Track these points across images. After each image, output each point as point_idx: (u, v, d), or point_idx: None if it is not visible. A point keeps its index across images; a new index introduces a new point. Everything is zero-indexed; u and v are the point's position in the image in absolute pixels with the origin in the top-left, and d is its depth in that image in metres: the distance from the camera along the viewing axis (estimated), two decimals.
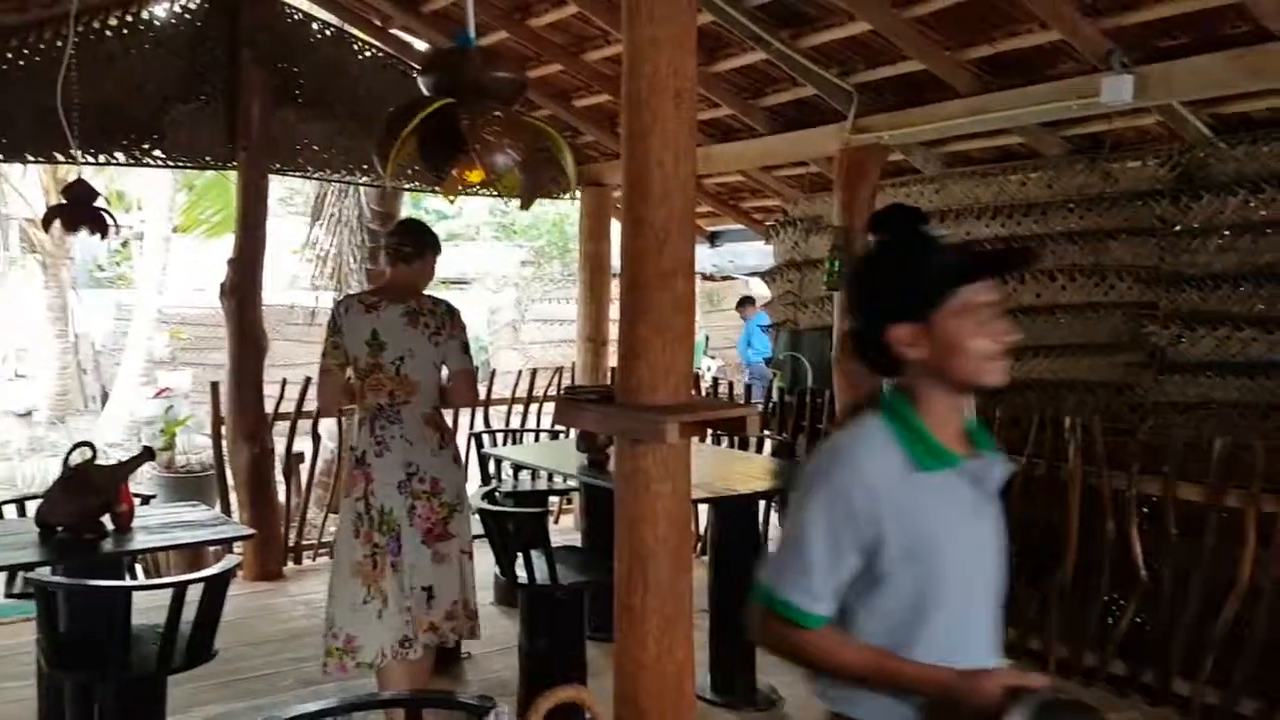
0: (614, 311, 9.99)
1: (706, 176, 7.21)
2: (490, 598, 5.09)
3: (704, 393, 6.77)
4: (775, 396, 6.10)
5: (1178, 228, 4.29)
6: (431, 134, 2.44)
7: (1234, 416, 4.07)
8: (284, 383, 5.86)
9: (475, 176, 2.47)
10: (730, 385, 7.09)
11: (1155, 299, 4.37)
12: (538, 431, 6.70)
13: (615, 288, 10.94)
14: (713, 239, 8.86)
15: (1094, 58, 3.84)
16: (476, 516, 3.71)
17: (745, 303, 12.43)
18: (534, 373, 7.19)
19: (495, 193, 2.57)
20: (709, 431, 6.15)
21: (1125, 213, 4.51)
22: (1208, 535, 3.81)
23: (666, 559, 2.73)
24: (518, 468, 5.17)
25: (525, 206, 2.84)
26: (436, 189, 7.02)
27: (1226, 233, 4.12)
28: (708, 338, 12.24)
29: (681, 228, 2.74)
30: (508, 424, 6.74)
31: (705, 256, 11.90)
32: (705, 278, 14.35)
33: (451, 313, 3.59)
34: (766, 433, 5.93)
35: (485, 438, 6.11)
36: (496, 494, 4.21)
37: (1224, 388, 4.11)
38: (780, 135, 5.59)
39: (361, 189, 7.42)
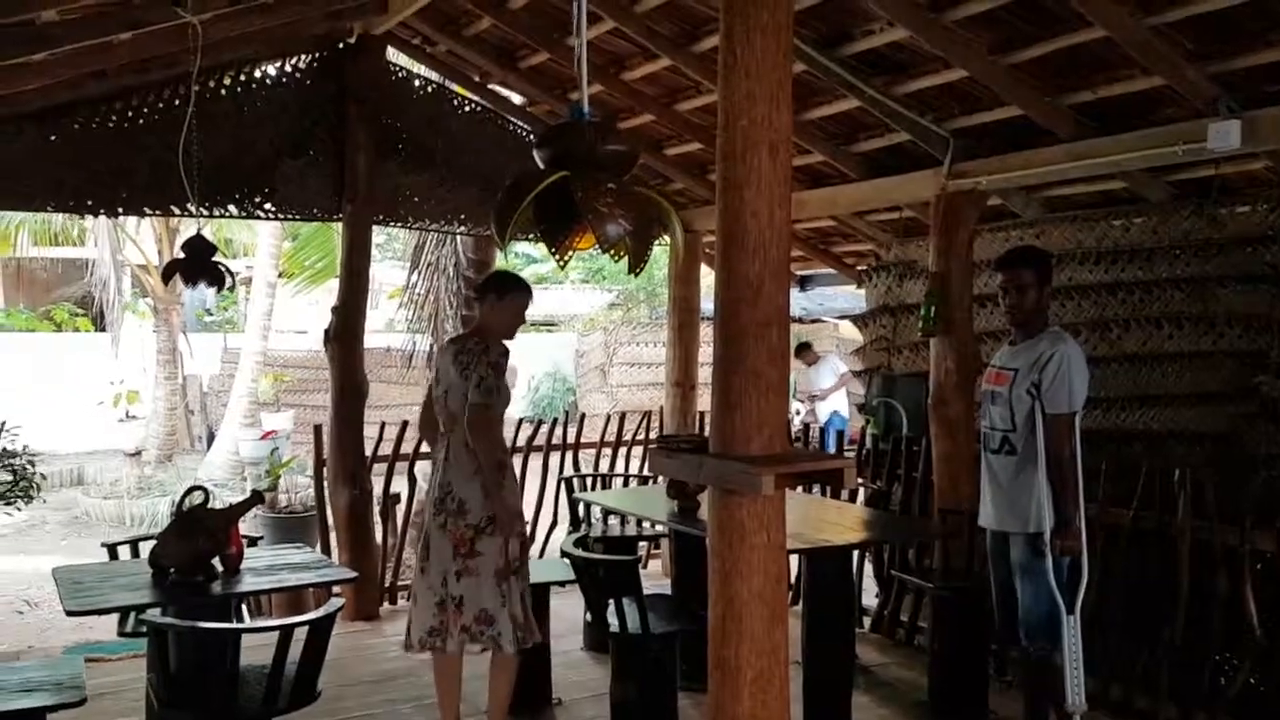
0: (703, 355, 10.05)
1: (797, 221, 7.22)
2: (580, 643, 5.10)
3: (792, 438, 6.72)
4: (869, 444, 6.01)
5: None
6: (547, 204, 2.53)
7: None
8: (382, 425, 6.00)
9: (586, 244, 2.54)
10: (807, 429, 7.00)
11: (1266, 348, 4.21)
12: (626, 476, 6.72)
13: (704, 331, 10.97)
14: (803, 284, 8.85)
15: (1200, 102, 3.76)
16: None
17: (804, 349, 11.28)
18: (622, 416, 7.24)
19: (607, 254, 2.64)
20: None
21: (1234, 259, 4.37)
22: None
23: (761, 611, 2.72)
24: (607, 512, 5.20)
25: (634, 271, 2.91)
26: (550, 253, 7.23)
27: None
28: (797, 347, 12.06)
29: (776, 278, 2.75)
30: (596, 468, 6.78)
31: (795, 300, 11.85)
32: (795, 320, 14.29)
33: (486, 350, 3.77)
34: (860, 481, 5.86)
35: (575, 482, 6.16)
36: (588, 539, 4.23)
37: None
38: (873, 181, 5.58)
39: (458, 237, 7.61)
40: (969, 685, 4.41)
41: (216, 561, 3.44)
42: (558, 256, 2.63)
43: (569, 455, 6.74)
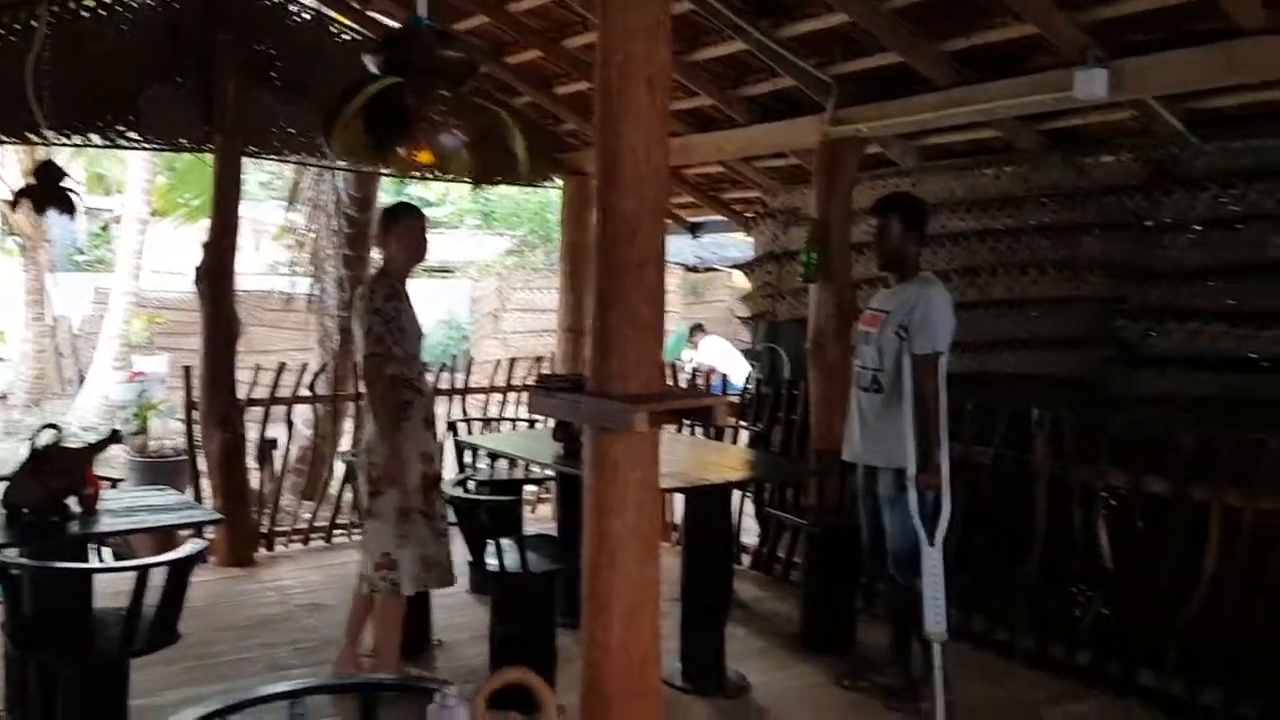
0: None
1: (687, 167, 7.19)
2: (465, 585, 5.06)
3: (684, 384, 6.74)
4: (752, 388, 6.08)
5: (1149, 223, 4.31)
6: (378, 113, 2.42)
7: (1202, 411, 4.09)
8: (257, 368, 5.80)
9: (424, 157, 2.45)
10: (708, 376, 7.07)
11: (1126, 294, 4.38)
12: (515, 420, 6.67)
13: None
14: (694, 230, 8.83)
15: (1069, 52, 3.84)
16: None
17: (695, 330, 11.87)
18: (512, 361, 7.15)
19: (446, 173, 2.57)
20: (685, 423, 6.16)
21: (1098, 208, 4.52)
22: (1174, 528, 3.83)
23: (634, 546, 2.73)
24: (493, 456, 5.14)
25: (477, 186, 2.85)
26: (388, 170, 7.04)
27: (1198, 228, 4.14)
28: (690, 329, 12.16)
29: (653, 218, 2.72)
30: (485, 413, 6.70)
31: (688, 248, 11.82)
32: (689, 269, 14.33)
33: (371, 295, 3.76)
34: (742, 424, 5.93)
35: (461, 426, 6.08)
36: (469, 482, 4.18)
37: (1193, 382, 4.13)
38: (760, 126, 5.58)
39: (339, 174, 7.35)
40: (839, 617, 4.54)
41: (73, 502, 3.28)
42: (396, 172, 2.55)
43: (457, 401, 6.65)
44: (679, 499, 5.16)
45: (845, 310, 4.99)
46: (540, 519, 6.45)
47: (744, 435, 5.92)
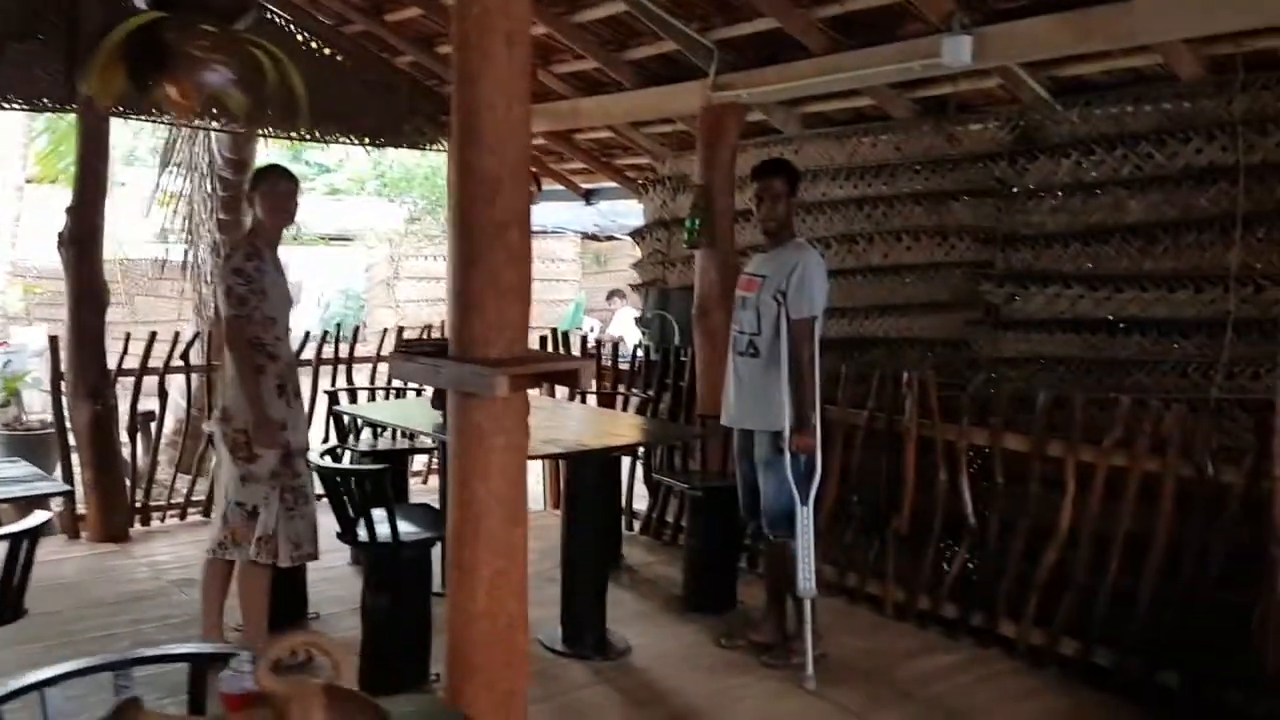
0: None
1: (576, 131, 7.10)
2: (346, 559, 4.94)
3: (587, 354, 6.62)
4: (641, 355, 6.05)
5: (1014, 189, 4.39)
6: (140, 51, 2.28)
7: (1062, 371, 4.21)
8: (127, 337, 5.55)
9: (187, 96, 2.31)
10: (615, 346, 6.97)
11: (991, 258, 4.47)
12: (403, 390, 6.51)
13: None
14: (588, 197, 8.72)
15: (937, 19, 3.87)
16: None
17: (613, 295, 11.83)
18: (400, 330, 6.98)
19: (218, 115, 2.44)
20: (581, 392, 6.09)
21: (967, 174, 4.60)
22: (1032, 484, 3.93)
23: (499, 512, 2.67)
24: (372, 426, 5.01)
25: (248, 129, 2.72)
26: (165, 115, 6.68)
27: (1059, 193, 4.23)
28: (609, 294, 12.05)
29: (515, 178, 2.64)
30: (372, 382, 6.53)
31: (586, 215, 11.73)
32: (589, 237, 14.23)
33: (229, 257, 3.76)
34: (633, 391, 5.91)
35: (343, 395, 5.91)
36: (347, 452, 4.06)
37: (1053, 343, 4.25)
38: (646, 90, 5.52)
39: (214, 135, 7.04)
40: (720, 579, 4.57)
41: None
42: (176, 114, 2.42)
43: (341, 369, 6.46)
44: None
45: (729, 276, 4.96)
46: (432, 490, 6.34)
47: (634, 403, 5.91)
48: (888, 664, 4.01)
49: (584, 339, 5.97)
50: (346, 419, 5.23)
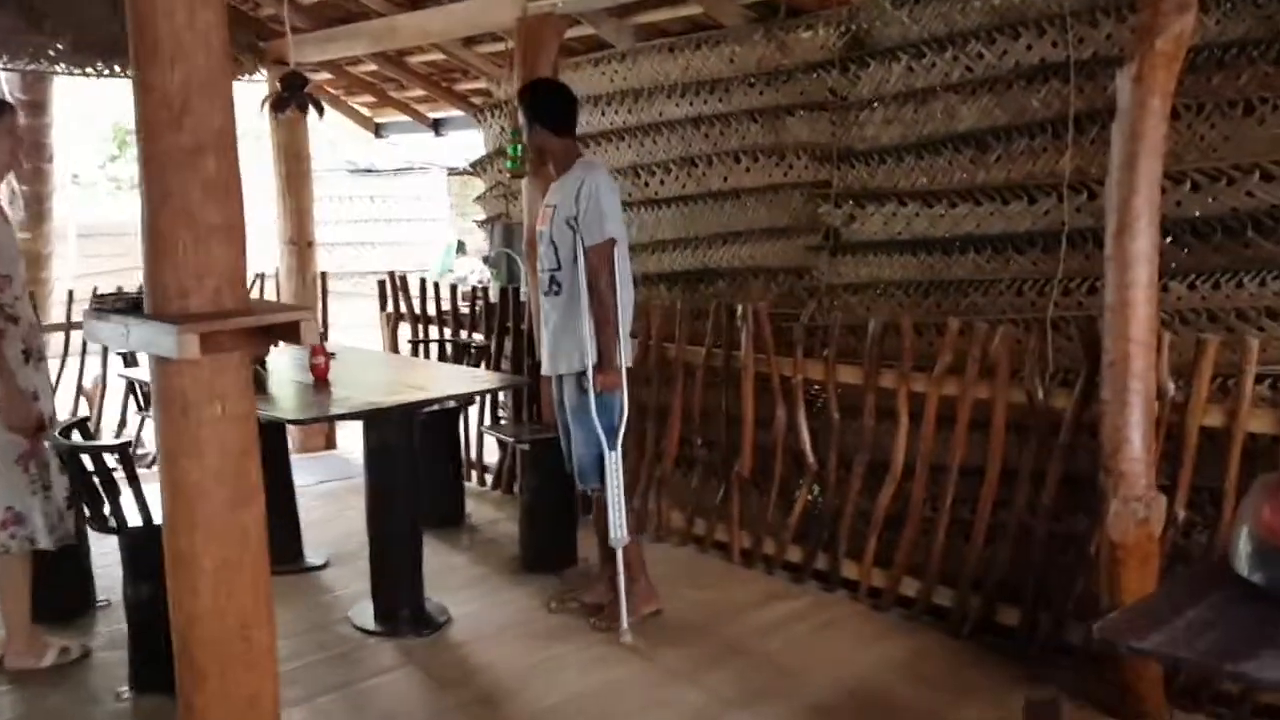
0: (321, 210, 9.15)
1: (409, 54, 6.63)
2: None
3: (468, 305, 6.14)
4: (482, 298, 5.67)
5: (848, 100, 4.10)
6: None
7: (900, 295, 3.98)
8: None
9: None
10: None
11: (829, 178, 4.20)
12: None
13: (334, 183, 10.16)
14: (437, 127, 8.22)
15: None
16: None
17: None
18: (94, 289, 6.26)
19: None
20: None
21: (800, 86, 4.29)
22: (866, 418, 3.72)
23: (219, 493, 2.31)
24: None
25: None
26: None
27: (892, 103, 3.96)
28: (461, 242, 11.53)
29: (207, 95, 2.23)
30: None
31: (446, 147, 11.18)
32: (455, 172, 13.67)
33: None
34: (475, 336, 5.55)
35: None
36: (86, 424, 3.62)
37: (891, 266, 4.01)
38: (463, 3, 5.08)
39: (3, 74, 6.36)
40: (556, 536, 4.29)
41: None
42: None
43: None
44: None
45: None
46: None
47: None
48: (728, 617, 3.78)
49: (453, 286, 5.56)
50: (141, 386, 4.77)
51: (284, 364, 4.31)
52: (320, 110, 5.10)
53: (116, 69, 6.20)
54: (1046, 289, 3.47)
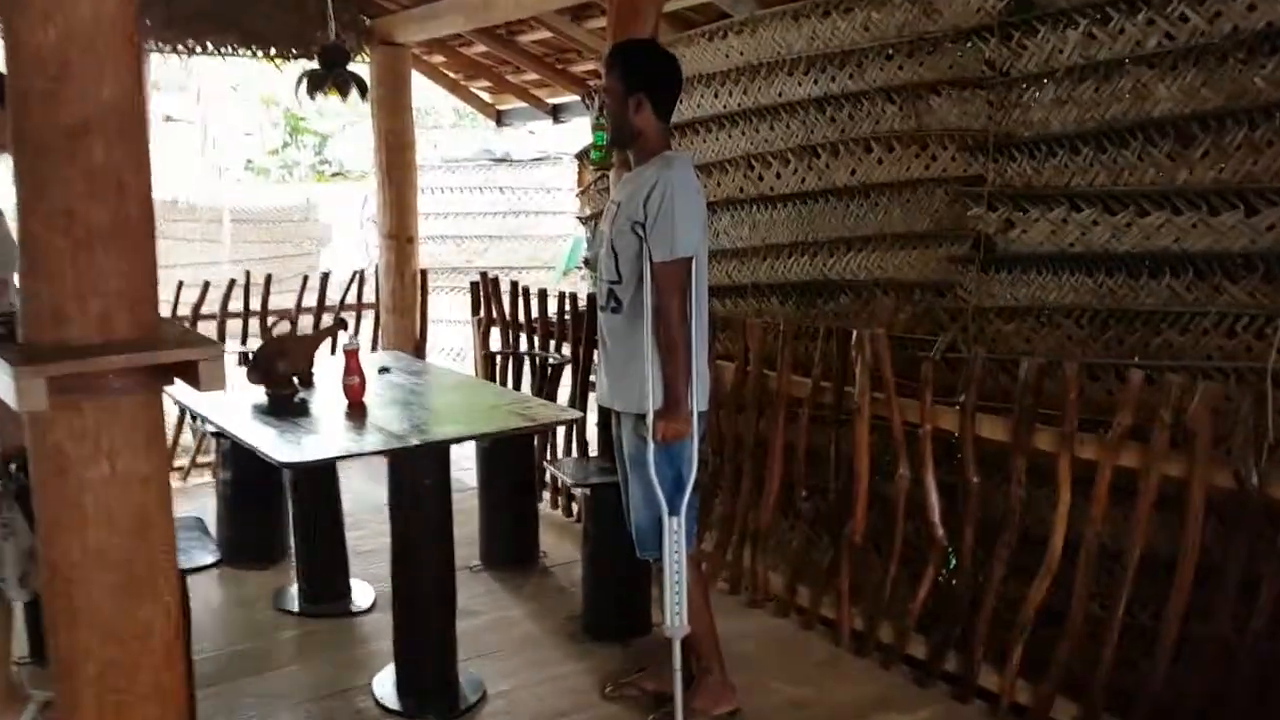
0: (430, 203, 8.80)
1: (519, 33, 6.19)
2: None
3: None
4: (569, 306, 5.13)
5: (1009, 74, 3.34)
6: None
7: (1069, 326, 3.20)
8: None
9: None
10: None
11: (982, 172, 3.44)
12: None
13: (435, 176, 9.75)
14: (555, 113, 7.76)
15: None
16: None
17: None
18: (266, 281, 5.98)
19: None
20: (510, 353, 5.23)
21: (949, 58, 3.55)
22: (1014, 485, 2.96)
23: (105, 578, 1.83)
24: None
25: None
26: None
27: (1066, 79, 3.17)
28: (591, 236, 11.07)
29: (94, 58, 1.75)
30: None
31: (574, 135, 10.73)
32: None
33: None
34: (556, 353, 5.03)
35: None
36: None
37: (1057, 288, 3.23)
38: None
39: None
40: (624, 599, 3.70)
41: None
42: None
43: None
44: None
45: None
46: None
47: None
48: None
49: (543, 291, 5.04)
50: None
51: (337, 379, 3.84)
52: (363, 91, 4.65)
53: (209, 45, 5.99)
54: (1268, 330, 2.64)
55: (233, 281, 5.87)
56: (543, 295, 5.20)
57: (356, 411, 3.48)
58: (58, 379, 1.65)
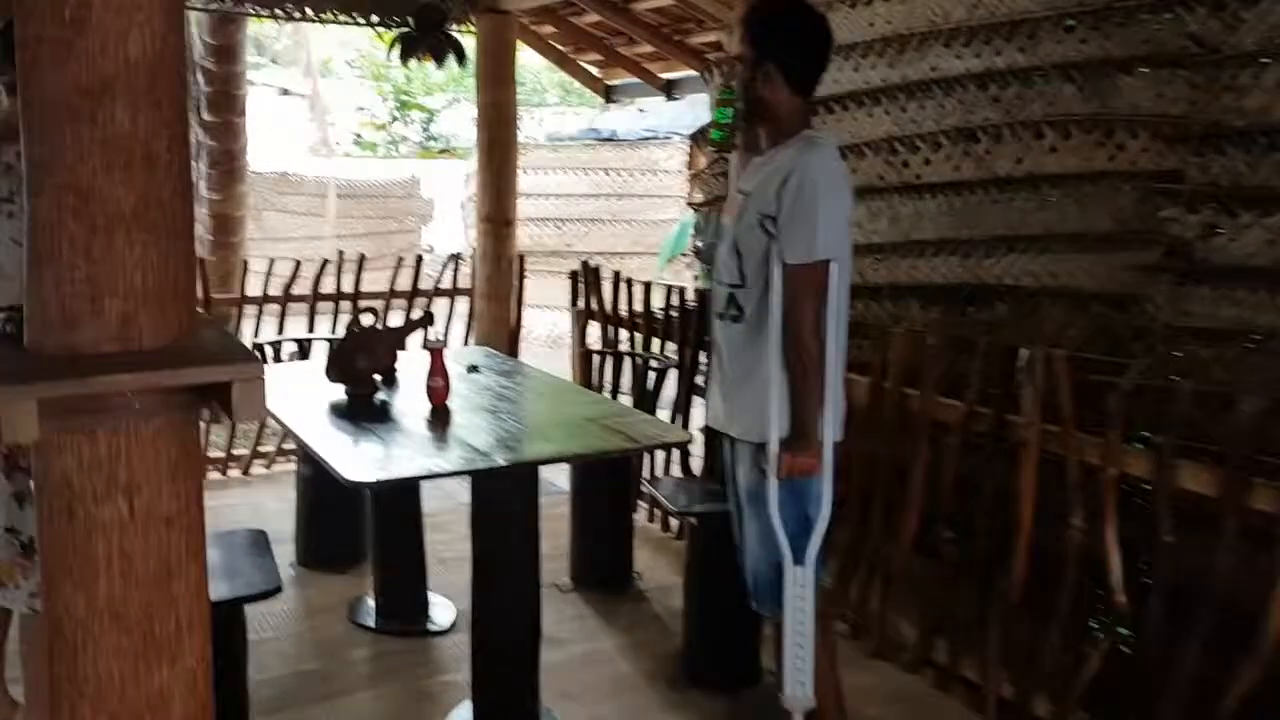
0: (531, 183, 8.51)
1: (635, 0, 5.84)
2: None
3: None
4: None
5: (1219, 50, 2.84)
6: None
7: None
8: None
9: None
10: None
11: (1181, 166, 2.95)
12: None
13: (537, 155, 9.44)
14: (669, 90, 7.39)
15: None
16: None
17: None
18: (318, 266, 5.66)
19: None
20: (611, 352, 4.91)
21: (1144, 30, 3.05)
22: (1222, 551, 2.48)
23: (117, 641, 1.53)
24: None
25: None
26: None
27: None
28: (699, 221, 10.65)
29: (116, 9, 1.44)
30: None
31: (686, 114, 10.31)
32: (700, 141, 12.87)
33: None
34: (661, 356, 4.67)
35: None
36: None
37: (1275, 308, 2.72)
38: None
39: (193, 15, 6.09)
40: (729, 641, 3.32)
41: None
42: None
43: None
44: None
45: None
46: None
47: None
48: None
49: (648, 285, 4.64)
50: None
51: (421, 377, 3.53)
52: (461, 57, 4.34)
53: (308, 10, 5.78)
54: None
55: (325, 261, 5.65)
56: (648, 289, 4.84)
57: (439, 417, 3.17)
58: (56, 400, 1.34)
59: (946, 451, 3.20)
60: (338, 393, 3.40)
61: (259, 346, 4.90)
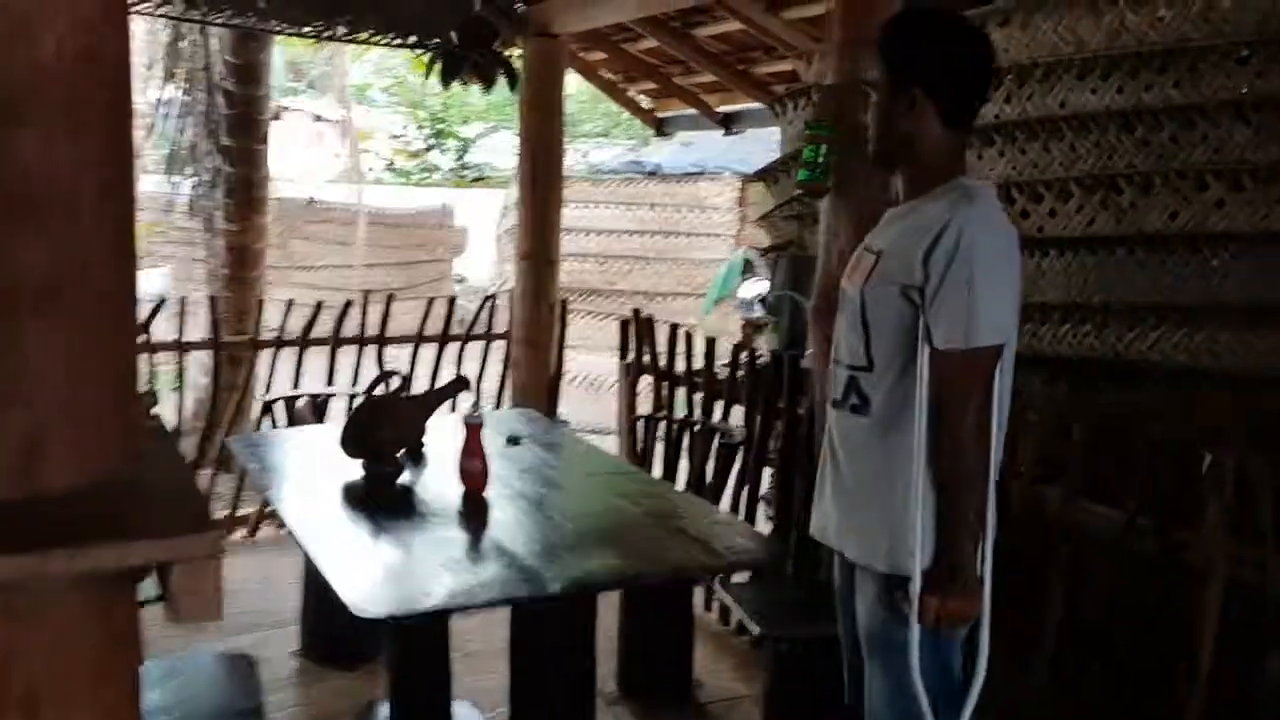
0: (573, 217, 7.96)
1: (697, 25, 5.40)
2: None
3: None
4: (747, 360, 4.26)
5: None
6: None
7: None
8: None
9: None
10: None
11: None
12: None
13: (579, 188, 8.90)
14: (727, 124, 6.94)
15: None
16: None
17: None
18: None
19: None
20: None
21: None
22: None
23: None
24: None
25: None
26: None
27: None
28: (749, 260, 10.07)
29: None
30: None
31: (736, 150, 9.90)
32: (750, 178, 12.44)
33: None
34: (733, 427, 4.16)
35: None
36: None
37: None
38: None
39: (216, 33, 5.73)
40: None
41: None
42: None
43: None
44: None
45: None
46: None
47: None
48: None
49: (711, 340, 4.12)
50: None
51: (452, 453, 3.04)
52: (513, 78, 3.89)
53: (341, 30, 5.39)
54: None
55: (349, 302, 5.21)
56: (711, 344, 4.35)
57: (474, 509, 2.70)
58: None
59: (1093, 566, 2.69)
60: (354, 470, 2.93)
61: (268, 405, 4.44)
